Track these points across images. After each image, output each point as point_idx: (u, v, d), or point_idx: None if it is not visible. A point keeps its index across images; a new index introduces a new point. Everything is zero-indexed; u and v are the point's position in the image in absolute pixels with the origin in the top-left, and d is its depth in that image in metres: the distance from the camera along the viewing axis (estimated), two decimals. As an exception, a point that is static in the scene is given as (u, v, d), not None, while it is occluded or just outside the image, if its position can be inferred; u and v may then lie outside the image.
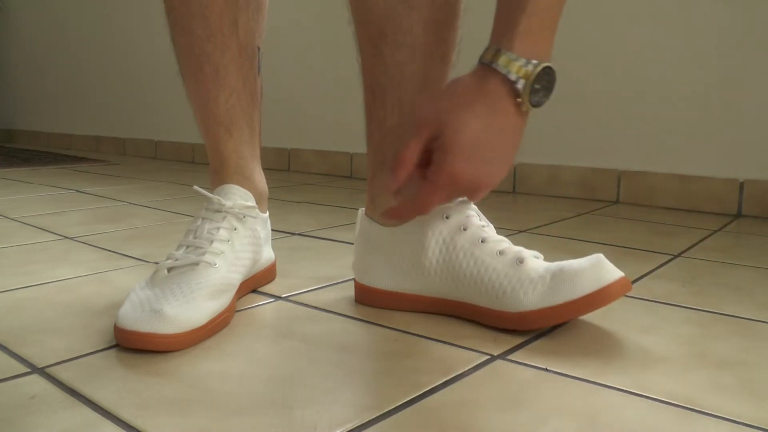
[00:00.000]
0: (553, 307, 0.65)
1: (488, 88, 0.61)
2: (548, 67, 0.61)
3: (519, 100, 0.61)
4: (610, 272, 0.66)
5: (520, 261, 0.68)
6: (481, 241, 0.70)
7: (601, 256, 0.68)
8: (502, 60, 0.60)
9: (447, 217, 0.72)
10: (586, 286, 0.65)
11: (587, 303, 0.65)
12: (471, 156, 0.61)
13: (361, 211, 0.78)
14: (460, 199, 0.73)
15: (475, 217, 0.72)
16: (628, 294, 0.82)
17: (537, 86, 0.61)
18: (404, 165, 0.63)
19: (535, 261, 0.69)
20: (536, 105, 0.62)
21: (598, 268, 0.66)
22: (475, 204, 0.74)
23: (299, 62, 2.24)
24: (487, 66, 0.61)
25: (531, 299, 0.66)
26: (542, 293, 0.66)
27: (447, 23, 0.71)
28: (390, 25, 0.70)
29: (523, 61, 0.60)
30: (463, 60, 0.75)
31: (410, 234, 0.73)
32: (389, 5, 0.70)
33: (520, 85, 0.60)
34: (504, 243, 0.70)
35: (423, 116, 0.63)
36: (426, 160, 0.64)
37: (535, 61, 0.60)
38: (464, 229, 0.71)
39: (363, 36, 0.73)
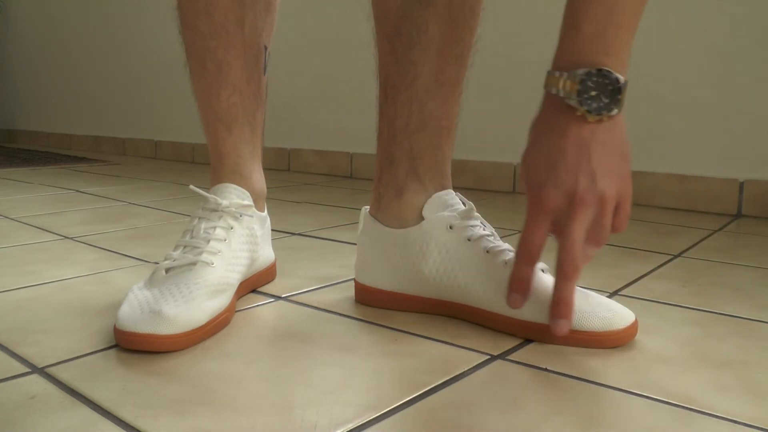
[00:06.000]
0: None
1: (550, 115, 0.60)
2: (593, 72, 0.57)
3: (579, 114, 0.58)
4: (624, 318, 0.64)
5: None
6: (486, 252, 0.69)
7: (613, 301, 0.67)
8: (548, 81, 0.59)
9: (451, 227, 0.70)
10: (596, 324, 0.64)
11: (593, 339, 0.64)
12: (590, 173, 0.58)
13: (365, 209, 0.78)
14: (465, 207, 0.71)
15: (479, 227, 0.71)
16: (627, 294, 0.82)
17: (592, 93, 0.56)
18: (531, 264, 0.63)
19: (542, 275, 0.68)
20: (599, 111, 0.57)
21: (611, 311, 0.65)
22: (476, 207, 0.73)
23: (299, 62, 2.24)
24: (546, 93, 0.60)
25: (536, 312, 0.65)
26: (548, 310, 0.65)
27: (464, 23, 0.70)
28: (406, 22, 0.70)
29: (561, 73, 0.58)
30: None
31: (413, 239, 0.72)
32: (406, 2, 0.69)
33: (570, 101, 0.57)
34: (510, 253, 0.69)
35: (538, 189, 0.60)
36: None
37: (580, 71, 0.57)
38: (469, 240, 0.70)
39: (380, 32, 0.73)
